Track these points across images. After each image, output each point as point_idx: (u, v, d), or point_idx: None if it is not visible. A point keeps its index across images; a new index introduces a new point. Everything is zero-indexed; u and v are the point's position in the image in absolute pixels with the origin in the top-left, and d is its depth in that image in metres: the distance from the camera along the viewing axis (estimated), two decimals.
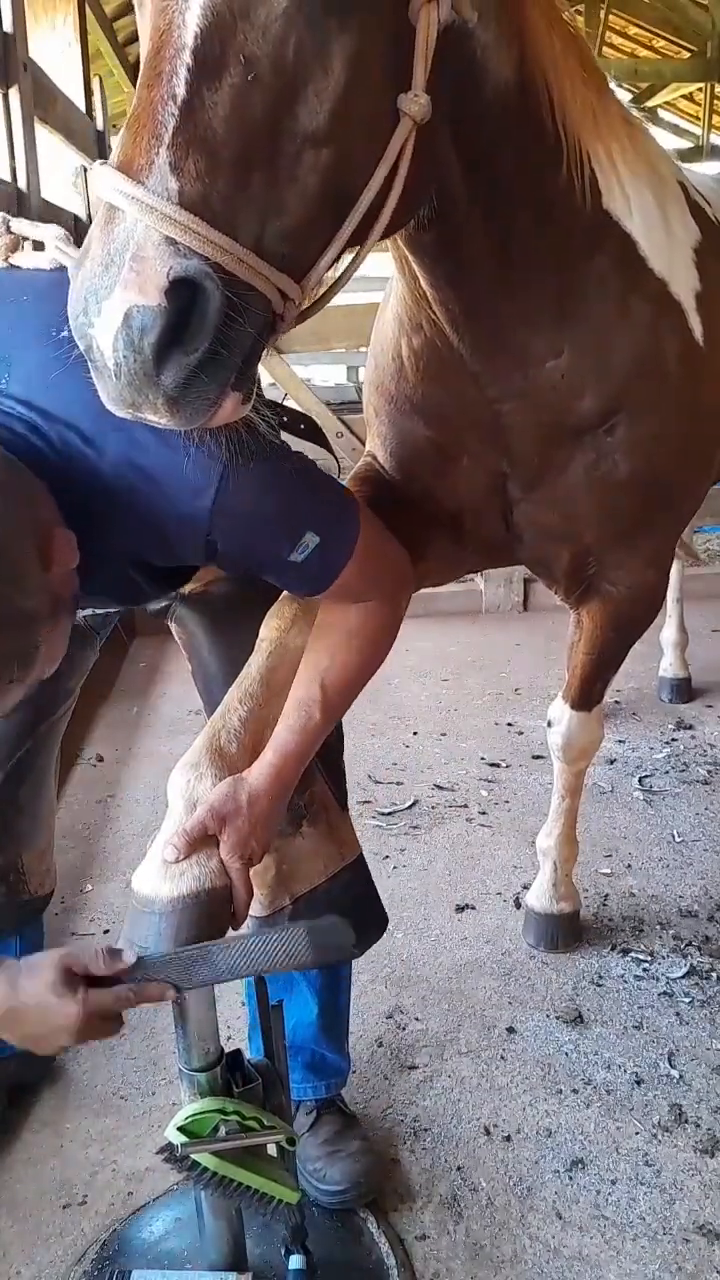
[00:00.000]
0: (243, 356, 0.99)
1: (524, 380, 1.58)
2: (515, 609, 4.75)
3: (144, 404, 0.96)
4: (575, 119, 1.37)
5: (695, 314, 1.69)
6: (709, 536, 5.72)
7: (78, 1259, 1.62)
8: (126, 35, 8.68)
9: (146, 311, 0.90)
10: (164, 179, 0.93)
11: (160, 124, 0.93)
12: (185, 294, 0.92)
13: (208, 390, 0.97)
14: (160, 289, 0.91)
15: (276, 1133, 1.34)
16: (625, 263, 1.58)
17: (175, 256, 0.91)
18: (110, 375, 0.95)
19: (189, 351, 0.93)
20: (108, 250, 0.93)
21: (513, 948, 2.37)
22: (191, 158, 0.93)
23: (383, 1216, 1.69)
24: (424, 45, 1.08)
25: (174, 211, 0.92)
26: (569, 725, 2.20)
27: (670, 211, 1.69)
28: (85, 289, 0.94)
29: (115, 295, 0.91)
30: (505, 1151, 1.82)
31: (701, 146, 10.29)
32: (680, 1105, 1.90)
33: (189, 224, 0.92)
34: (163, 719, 3.71)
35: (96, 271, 0.93)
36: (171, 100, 0.93)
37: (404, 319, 1.65)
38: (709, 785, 3.13)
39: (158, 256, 0.91)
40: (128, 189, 0.92)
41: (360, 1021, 2.13)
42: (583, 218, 1.48)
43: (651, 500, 1.77)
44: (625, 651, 2.11)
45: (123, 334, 0.91)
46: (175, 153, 0.93)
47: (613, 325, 1.60)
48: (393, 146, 1.07)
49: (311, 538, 1.28)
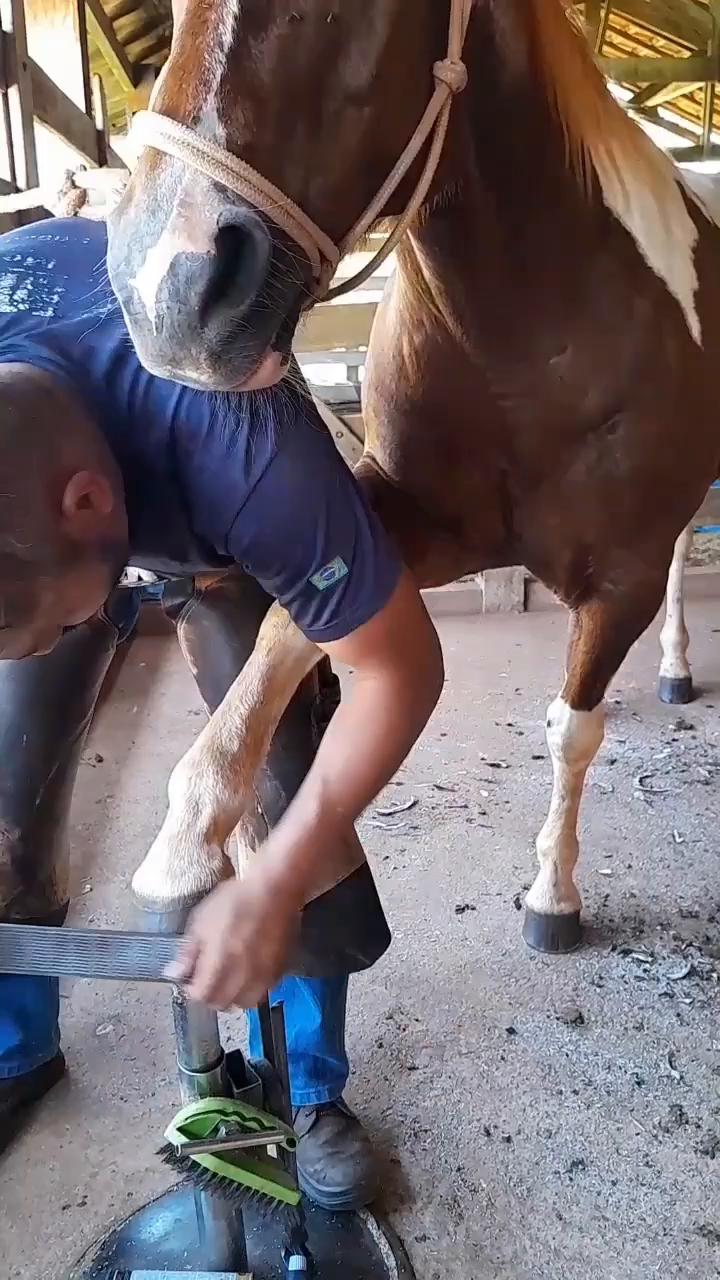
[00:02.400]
0: (285, 313, 0.96)
1: (528, 376, 1.58)
2: (515, 609, 4.75)
3: (185, 359, 0.92)
4: (576, 115, 1.38)
5: (694, 313, 1.69)
6: (709, 536, 5.72)
7: (78, 1260, 1.62)
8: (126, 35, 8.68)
9: (195, 259, 0.87)
10: (212, 125, 0.90)
11: (208, 70, 0.91)
12: (234, 243, 0.88)
13: (251, 346, 0.93)
14: (210, 236, 0.87)
15: (277, 1133, 1.34)
16: (626, 260, 1.58)
17: (225, 203, 0.88)
18: (150, 328, 0.91)
19: (235, 304, 0.90)
20: (153, 196, 0.89)
21: (513, 948, 2.37)
22: (240, 105, 0.91)
23: (383, 1217, 1.69)
24: (459, 14, 1.08)
25: (225, 157, 0.89)
26: (569, 725, 2.20)
27: (669, 211, 1.69)
28: (128, 236, 0.90)
29: (162, 241, 0.88)
30: (505, 1152, 1.82)
31: (702, 146, 10.29)
32: (681, 1106, 1.90)
33: (240, 171, 0.89)
34: (163, 719, 3.70)
35: (141, 217, 0.89)
36: (219, 47, 0.91)
37: (405, 317, 1.65)
38: (710, 785, 3.13)
39: (207, 202, 0.88)
40: (176, 133, 0.89)
41: (360, 1022, 2.12)
42: (585, 214, 1.49)
43: (652, 499, 1.77)
44: (625, 650, 2.11)
45: (168, 283, 0.88)
46: (224, 100, 0.90)
47: (614, 323, 1.60)
48: (429, 113, 1.07)
49: (340, 566, 1.21)
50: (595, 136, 1.44)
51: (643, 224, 1.60)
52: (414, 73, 1.06)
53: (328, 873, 1.56)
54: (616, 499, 1.73)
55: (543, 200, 1.41)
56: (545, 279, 1.50)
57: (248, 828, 1.58)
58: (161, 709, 3.79)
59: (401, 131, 1.06)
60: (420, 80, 1.07)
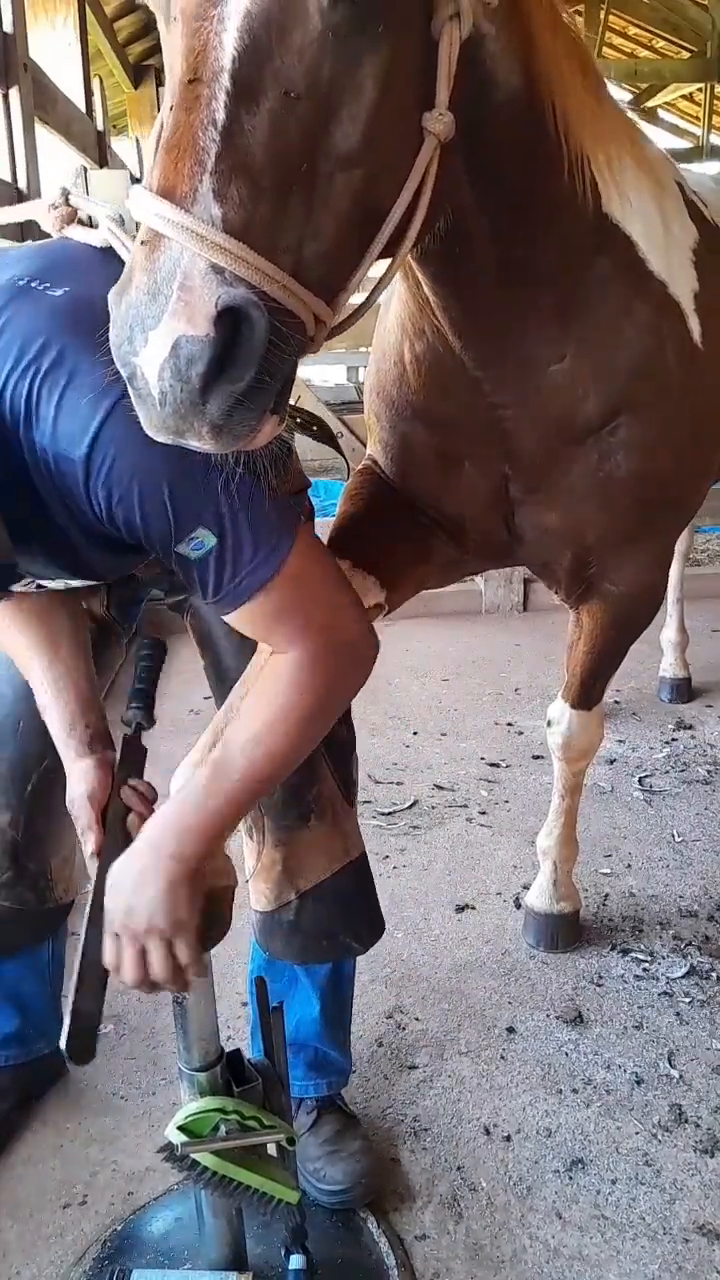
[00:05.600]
0: (284, 381, 0.99)
1: (527, 385, 1.58)
2: (515, 609, 4.75)
3: (188, 431, 0.95)
4: (576, 125, 1.37)
5: (694, 315, 1.70)
6: (709, 536, 5.72)
7: (78, 1259, 1.62)
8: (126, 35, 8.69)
9: (194, 342, 0.89)
10: (208, 206, 0.91)
11: (202, 150, 0.92)
12: (232, 322, 0.91)
13: (250, 417, 0.96)
14: (209, 318, 0.90)
15: (276, 1132, 1.34)
16: (625, 265, 1.58)
17: (222, 285, 0.90)
18: (155, 404, 0.94)
19: (235, 380, 0.92)
20: (153, 279, 0.92)
21: (513, 948, 2.37)
22: (235, 184, 0.92)
23: (383, 1216, 1.69)
24: (447, 63, 1.07)
25: (222, 239, 0.90)
26: (569, 725, 2.21)
27: (669, 213, 1.69)
28: (130, 318, 0.92)
29: (163, 325, 0.90)
30: (505, 1151, 1.82)
31: (701, 146, 10.30)
32: (680, 1105, 1.90)
33: (237, 252, 0.91)
34: (163, 719, 3.68)
35: (142, 300, 0.92)
36: (212, 125, 0.92)
37: (406, 324, 1.66)
38: (709, 785, 3.13)
39: (205, 285, 0.90)
40: (174, 216, 0.91)
41: (360, 1021, 2.13)
42: (584, 222, 1.48)
43: (652, 500, 1.77)
44: (625, 650, 2.11)
45: (170, 364, 0.90)
46: (219, 179, 0.92)
47: (615, 327, 1.60)
48: (419, 165, 1.07)
49: (207, 535, 1.15)
50: (593, 144, 1.44)
51: (642, 227, 1.59)
52: (404, 129, 1.05)
53: (319, 864, 1.58)
54: (617, 501, 1.74)
55: (538, 216, 1.41)
56: (542, 290, 1.50)
57: (246, 818, 1.59)
58: (162, 709, 3.75)
59: (392, 187, 1.06)
60: (409, 135, 1.07)
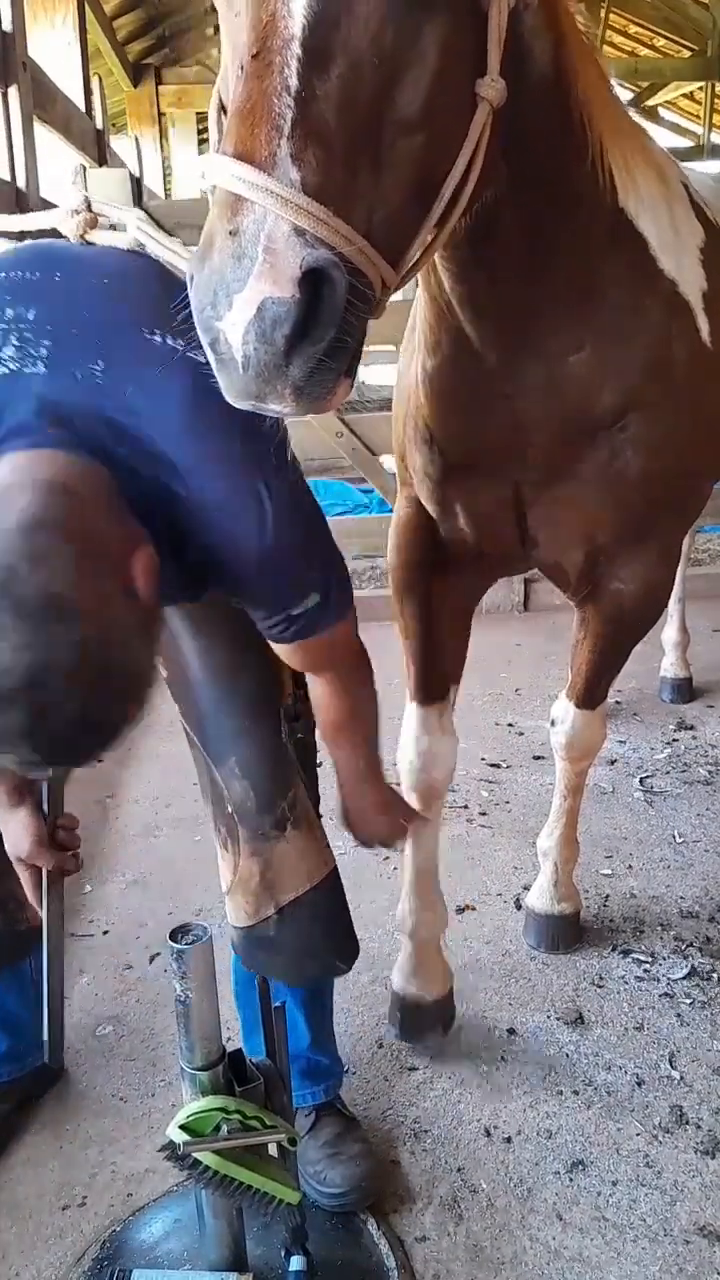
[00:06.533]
0: (359, 342, 1.01)
1: (545, 374, 1.60)
2: (515, 609, 4.74)
3: (270, 394, 0.97)
4: (597, 115, 1.40)
5: (703, 314, 1.71)
6: (709, 536, 5.72)
7: (77, 1260, 1.62)
8: (125, 34, 8.69)
9: (280, 304, 0.91)
10: (287, 169, 0.93)
11: (278, 115, 0.94)
12: (314, 284, 0.93)
13: (330, 377, 0.98)
14: (294, 280, 0.91)
15: (278, 1132, 1.33)
16: (639, 262, 1.61)
17: (306, 247, 0.92)
18: (237, 367, 0.95)
19: (316, 341, 0.94)
20: (238, 242, 0.93)
21: (513, 949, 2.37)
22: (311, 148, 0.94)
23: (383, 1218, 1.69)
24: (497, 29, 1.10)
25: (304, 202, 0.92)
26: (573, 724, 2.20)
27: (676, 212, 1.71)
28: (214, 281, 0.94)
29: (249, 287, 0.92)
30: (506, 1153, 1.82)
31: (702, 145, 10.29)
32: (681, 1107, 1.90)
33: (319, 214, 0.93)
34: (163, 719, 3.68)
35: (227, 263, 0.93)
36: (286, 91, 0.94)
37: (424, 340, 1.69)
38: (710, 786, 3.13)
39: (289, 248, 0.92)
40: (255, 179, 0.92)
41: (360, 1022, 2.12)
42: (603, 214, 1.51)
43: (661, 498, 1.78)
44: (630, 649, 2.11)
45: (255, 326, 0.92)
46: (296, 143, 0.94)
47: (628, 323, 1.62)
48: (473, 131, 1.11)
49: (315, 599, 1.29)
50: (612, 136, 1.47)
51: (654, 225, 1.62)
52: (460, 94, 1.09)
53: (299, 876, 1.56)
54: (626, 498, 1.75)
55: (563, 199, 1.43)
56: (563, 278, 1.52)
57: (220, 828, 1.58)
58: (161, 710, 3.77)
59: (450, 152, 1.10)
60: (466, 101, 1.10)
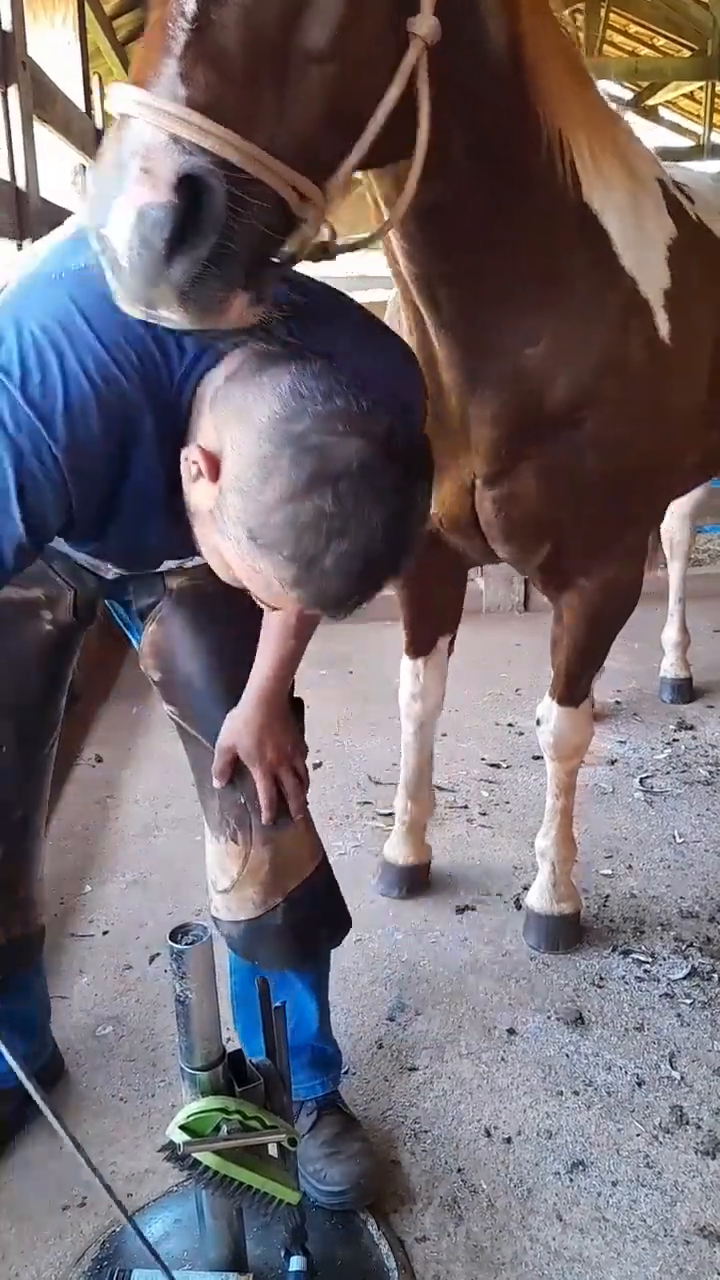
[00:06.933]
0: (252, 254, 1.02)
1: (500, 366, 1.61)
2: (515, 609, 4.74)
3: (157, 298, 0.99)
4: (554, 107, 1.42)
5: (663, 311, 1.71)
6: (709, 536, 5.72)
7: (77, 1260, 1.62)
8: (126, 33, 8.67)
9: (157, 208, 0.94)
10: (173, 87, 0.97)
11: (171, 39, 0.98)
12: (193, 190, 0.95)
13: (217, 287, 1.00)
14: (170, 185, 0.94)
15: (278, 1132, 1.33)
16: (600, 257, 1.62)
17: (181, 154, 0.95)
18: (124, 272, 0.98)
19: (197, 246, 0.96)
20: (119, 154, 0.97)
21: (513, 949, 2.37)
22: (200, 69, 0.98)
23: (383, 1218, 1.68)
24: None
25: (182, 112, 0.95)
26: (557, 722, 2.20)
27: (644, 209, 1.72)
28: (99, 192, 0.98)
29: (126, 193, 0.95)
30: (506, 1153, 1.82)
31: (702, 145, 10.28)
32: (681, 1107, 1.90)
33: (198, 122, 0.95)
34: (163, 719, 3.68)
35: (109, 175, 0.97)
36: (181, 16, 0.98)
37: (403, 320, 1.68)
38: (710, 786, 3.13)
39: (165, 155, 0.95)
40: (139, 97, 0.96)
41: (360, 1023, 2.12)
42: (564, 206, 1.53)
43: (617, 496, 1.79)
44: (606, 646, 2.11)
45: (136, 230, 0.95)
46: (184, 64, 0.97)
47: (586, 318, 1.63)
48: (403, 67, 1.12)
49: None
50: (574, 129, 1.48)
51: (616, 221, 1.63)
52: (382, 30, 1.11)
53: (303, 860, 1.59)
54: (581, 495, 1.76)
55: (519, 186, 1.45)
56: (522, 267, 1.53)
57: (229, 821, 1.58)
58: (161, 709, 3.78)
59: (373, 86, 1.11)
60: (389, 37, 1.11)
